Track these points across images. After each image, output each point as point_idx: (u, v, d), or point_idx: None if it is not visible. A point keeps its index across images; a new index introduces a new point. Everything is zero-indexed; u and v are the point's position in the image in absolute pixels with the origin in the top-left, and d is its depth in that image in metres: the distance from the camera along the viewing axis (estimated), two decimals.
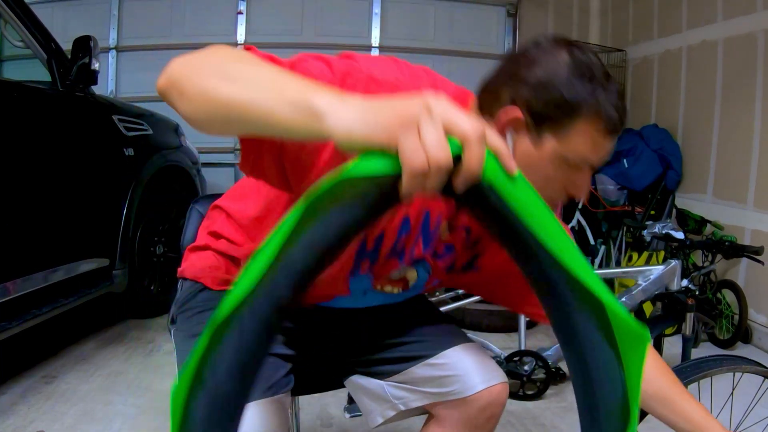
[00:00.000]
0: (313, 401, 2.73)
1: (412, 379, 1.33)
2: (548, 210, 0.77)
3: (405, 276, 1.27)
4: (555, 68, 1.02)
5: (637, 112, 5.35)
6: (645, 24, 5.22)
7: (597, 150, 1.05)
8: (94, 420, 2.53)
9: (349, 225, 0.70)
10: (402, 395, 1.35)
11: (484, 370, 1.30)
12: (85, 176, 3.09)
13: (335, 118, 0.68)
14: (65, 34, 3.59)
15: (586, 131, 1.02)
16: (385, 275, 1.24)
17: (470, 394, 1.28)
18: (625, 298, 2.88)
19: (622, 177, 4.77)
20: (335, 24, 5.65)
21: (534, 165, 1.04)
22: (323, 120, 0.69)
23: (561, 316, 0.79)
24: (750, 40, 3.98)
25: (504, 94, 1.05)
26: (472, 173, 0.68)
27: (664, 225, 3.29)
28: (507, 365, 2.86)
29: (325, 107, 0.69)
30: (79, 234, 3.09)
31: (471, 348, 1.34)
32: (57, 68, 3.09)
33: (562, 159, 1.04)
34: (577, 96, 1.01)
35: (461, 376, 1.29)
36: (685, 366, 1.63)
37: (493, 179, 0.71)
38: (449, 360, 1.31)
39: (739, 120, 4.10)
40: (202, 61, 0.84)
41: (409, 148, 0.65)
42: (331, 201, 0.69)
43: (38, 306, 2.76)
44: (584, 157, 1.05)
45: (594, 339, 0.78)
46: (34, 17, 3.01)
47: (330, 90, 0.73)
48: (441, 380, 1.30)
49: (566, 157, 1.04)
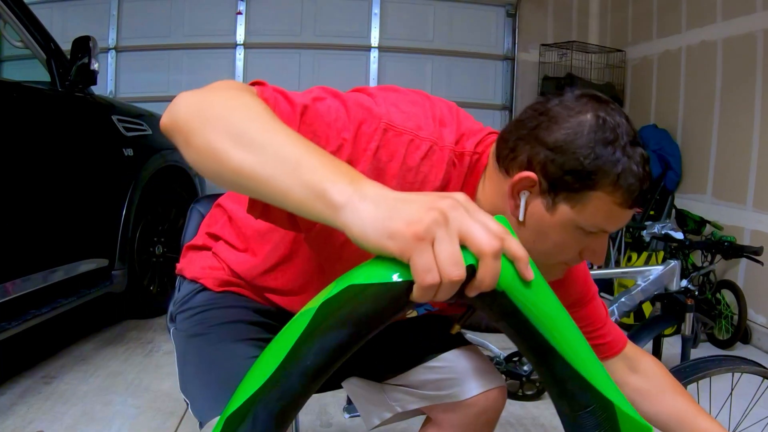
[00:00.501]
0: (313, 402, 2.73)
1: (410, 381, 1.33)
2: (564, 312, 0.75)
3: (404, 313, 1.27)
4: (576, 131, 0.96)
5: (636, 113, 5.35)
6: (644, 24, 5.22)
7: (613, 221, 0.99)
8: (94, 420, 2.53)
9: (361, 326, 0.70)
10: (399, 397, 1.35)
11: (481, 374, 1.30)
12: (84, 176, 3.09)
13: (351, 216, 0.65)
14: (64, 34, 3.58)
15: (603, 202, 0.96)
16: None
17: (466, 398, 1.27)
18: (625, 298, 2.88)
19: None
20: (335, 24, 5.65)
21: (546, 230, 1.00)
22: (338, 213, 0.66)
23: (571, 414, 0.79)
24: (749, 40, 3.99)
25: (521, 152, 0.99)
26: (484, 288, 0.66)
27: (663, 225, 3.29)
28: (506, 365, 2.87)
29: (341, 201, 0.66)
30: (79, 234, 3.08)
31: (469, 351, 1.34)
32: (56, 68, 3.09)
33: (576, 226, 0.99)
34: (596, 165, 0.94)
35: (458, 380, 1.29)
36: (685, 366, 1.63)
37: (506, 286, 0.69)
38: (446, 363, 1.31)
39: (738, 120, 4.10)
40: (212, 110, 0.79)
41: (422, 265, 0.62)
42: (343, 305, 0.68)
43: (37, 306, 2.75)
44: (599, 227, 1.00)
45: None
46: (34, 17, 3.01)
47: (347, 178, 0.68)
48: (438, 383, 1.30)
49: (580, 225, 0.99)
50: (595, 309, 1.30)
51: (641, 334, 2.68)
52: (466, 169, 1.06)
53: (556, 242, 1.01)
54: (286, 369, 0.70)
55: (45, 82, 3.11)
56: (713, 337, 3.85)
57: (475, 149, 1.06)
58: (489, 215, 0.66)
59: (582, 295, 1.28)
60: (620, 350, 1.33)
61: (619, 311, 2.86)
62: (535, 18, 5.96)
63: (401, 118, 0.99)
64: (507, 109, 5.97)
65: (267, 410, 0.71)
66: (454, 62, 5.82)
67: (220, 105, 0.80)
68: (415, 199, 0.65)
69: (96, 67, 3.15)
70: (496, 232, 0.65)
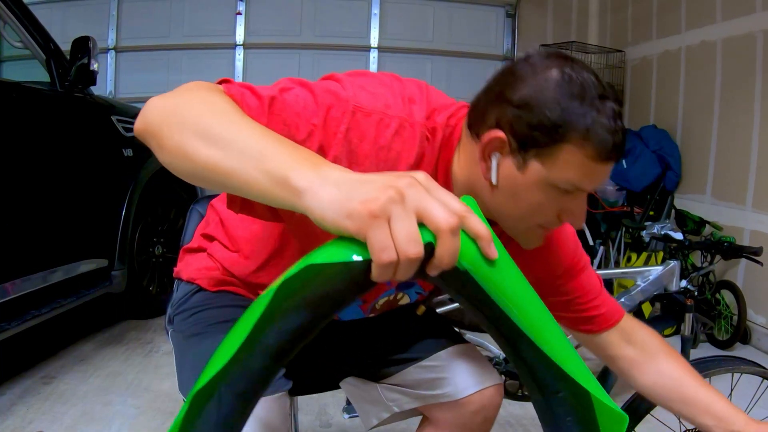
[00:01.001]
0: (312, 402, 2.73)
1: (405, 381, 1.33)
2: (533, 295, 0.74)
3: (397, 303, 1.27)
4: (542, 87, 0.94)
5: (636, 113, 5.35)
6: (644, 24, 5.22)
7: (588, 176, 0.97)
8: (93, 420, 2.53)
9: (322, 307, 0.69)
10: (395, 397, 1.35)
11: (476, 372, 1.30)
12: (84, 177, 3.09)
13: (312, 199, 0.67)
14: (64, 34, 3.58)
15: (574, 157, 0.95)
16: (374, 299, 1.25)
17: (462, 396, 1.28)
18: (624, 298, 2.88)
19: (621, 177, 4.77)
20: (334, 25, 5.65)
21: (520, 190, 0.99)
22: (301, 198, 0.67)
23: (543, 401, 0.77)
24: (749, 40, 3.99)
25: (490, 115, 0.99)
26: (443, 266, 0.66)
27: (662, 226, 3.29)
28: (506, 366, 2.86)
29: (304, 186, 0.68)
30: (78, 235, 3.08)
31: (465, 350, 1.34)
32: (56, 69, 3.09)
33: (549, 185, 0.98)
34: (563, 118, 0.93)
35: (453, 379, 1.29)
36: None
37: (468, 264, 0.68)
38: (442, 362, 1.31)
39: (738, 120, 4.10)
40: (181, 112, 0.81)
41: (377, 241, 0.63)
42: (303, 286, 0.68)
43: (37, 306, 2.76)
44: (573, 183, 0.97)
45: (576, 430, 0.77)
46: (33, 18, 3.01)
47: (309, 164, 0.70)
48: (433, 383, 1.30)
49: (554, 183, 0.97)
50: (588, 279, 1.29)
51: None
52: (439, 143, 1.05)
53: (531, 203, 1.00)
54: (249, 349, 0.70)
55: (44, 82, 3.11)
56: (713, 337, 3.85)
57: (447, 122, 1.06)
58: (450, 194, 0.66)
59: (572, 264, 1.26)
60: (616, 322, 1.30)
61: None
62: (534, 18, 5.96)
63: (369, 99, 0.99)
64: None
65: (231, 390, 0.70)
66: (453, 62, 5.82)
67: (187, 107, 0.82)
68: (374, 179, 0.66)
69: (95, 68, 3.15)
70: (456, 209, 0.65)
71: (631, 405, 1.59)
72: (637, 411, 1.57)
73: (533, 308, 0.74)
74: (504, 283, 0.71)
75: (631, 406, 1.58)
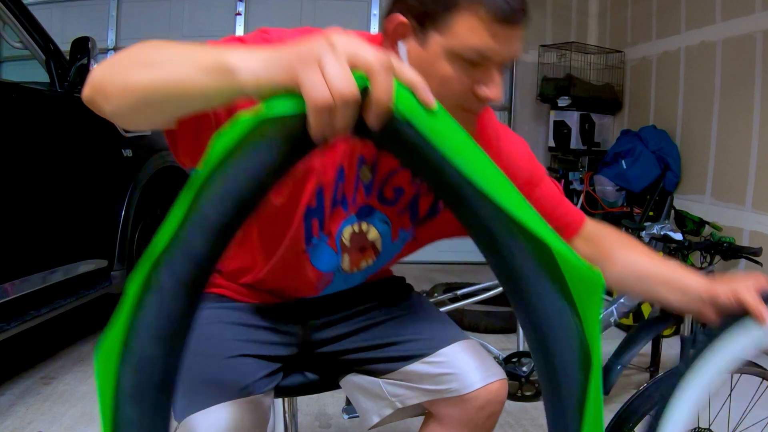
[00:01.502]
0: (312, 402, 2.73)
1: (409, 376, 1.32)
2: (476, 145, 0.73)
3: (368, 240, 1.25)
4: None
5: (635, 114, 5.35)
6: (643, 25, 5.22)
7: (488, 42, 0.97)
8: (93, 421, 2.53)
9: (260, 172, 0.68)
10: (399, 392, 1.34)
11: (481, 367, 1.29)
12: (83, 177, 3.09)
13: (245, 70, 0.69)
14: (64, 35, 3.58)
15: (469, 22, 0.96)
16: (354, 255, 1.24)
17: (468, 392, 1.27)
18: (624, 299, 2.88)
19: (621, 178, 4.77)
20: (333, 25, 5.59)
21: (427, 67, 0.98)
22: (235, 75, 0.70)
23: (505, 264, 0.74)
24: (748, 41, 3.99)
25: (392, 8, 1.05)
26: (381, 105, 0.66)
27: (662, 226, 3.30)
28: (505, 366, 2.87)
29: (235, 63, 0.71)
30: (78, 235, 3.08)
31: (469, 345, 1.33)
32: (55, 69, 3.09)
33: (453, 55, 0.98)
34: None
35: (458, 374, 1.28)
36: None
37: (408, 113, 0.68)
38: (446, 358, 1.30)
39: (737, 121, 4.10)
40: (122, 58, 0.85)
41: (309, 82, 0.64)
42: (238, 148, 0.67)
43: (36, 307, 2.75)
44: (475, 49, 0.97)
45: (543, 290, 0.73)
46: (33, 18, 3.01)
47: (242, 50, 0.74)
48: (438, 378, 1.29)
49: (456, 51, 0.98)
50: (548, 189, 1.29)
51: (640, 334, 2.68)
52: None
53: (441, 78, 0.99)
54: (188, 225, 0.69)
55: (44, 82, 3.11)
56: None
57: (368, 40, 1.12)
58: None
59: (531, 174, 1.27)
60: (579, 228, 1.31)
61: (618, 312, 2.87)
62: (533, 18, 5.91)
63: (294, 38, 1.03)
64: (506, 110, 5.97)
65: (174, 276, 0.69)
66: None
67: (123, 56, 0.85)
68: (303, 42, 0.69)
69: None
70: (385, 54, 0.67)
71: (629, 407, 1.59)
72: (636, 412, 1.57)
73: (479, 159, 0.72)
74: (447, 132, 0.71)
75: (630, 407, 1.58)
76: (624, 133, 5.09)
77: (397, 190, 1.20)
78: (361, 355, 1.37)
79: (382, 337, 1.36)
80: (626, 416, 1.51)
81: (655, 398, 1.39)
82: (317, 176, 1.09)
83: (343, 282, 1.31)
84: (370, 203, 1.20)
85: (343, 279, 1.29)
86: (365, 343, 1.37)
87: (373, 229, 1.24)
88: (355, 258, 1.26)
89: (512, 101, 5.96)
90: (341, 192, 1.14)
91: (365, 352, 1.37)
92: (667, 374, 1.52)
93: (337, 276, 1.28)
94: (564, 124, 5.36)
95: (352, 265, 1.26)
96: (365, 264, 1.28)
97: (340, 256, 1.24)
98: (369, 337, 1.37)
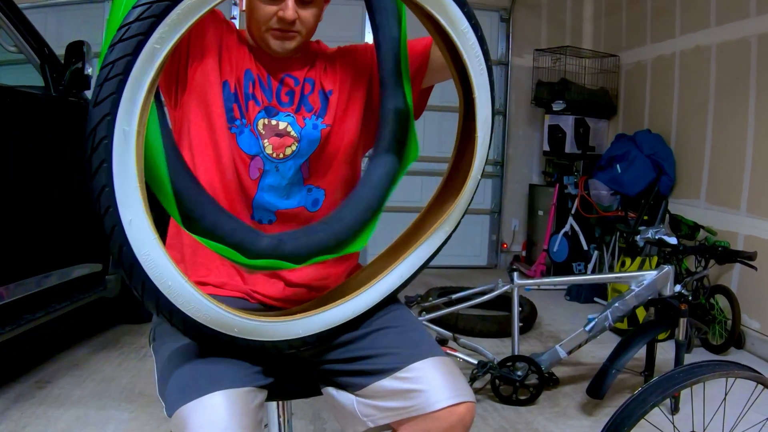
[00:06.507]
0: (306, 406, 2.73)
1: (379, 392, 1.31)
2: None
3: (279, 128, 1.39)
4: None
5: (630, 117, 5.37)
6: (638, 29, 5.24)
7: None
8: (87, 425, 2.52)
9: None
10: (369, 412, 1.32)
11: (450, 386, 1.27)
12: (77, 181, 3.09)
13: None
14: (58, 39, 3.58)
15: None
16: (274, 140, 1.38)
17: (432, 410, 1.24)
18: (618, 303, 2.89)
19: (615, 182, 4.79)
20: (329, 29, 5.59)
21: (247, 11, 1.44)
22: None
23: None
24: (743, 45, 4.00)
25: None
26: None
27: (657, 230, 3.30)
28: (500, 370, 2.87)
29: None
30: (72, 239, 3.08)
31: (441, 362, 1.31)
32: (50, 73, 3.09)
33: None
34: None
35: (424, 391, 1.26)
36: (678, 371, 1.63)
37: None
38: (416, 374, 1.28)
39: (732, 125, 4.12)
40: None
41: None
42: None
43: (31, 311, 2.75)
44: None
45: None
46: (27, 22, 3.01)
47: None
48: (405, 394, 1.28)
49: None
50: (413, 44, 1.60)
51: (635, 339, 2.68)
52: None
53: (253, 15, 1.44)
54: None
55: (39, 87, 3.10)
56: (707, 342, 3.86)
57: None
58: None
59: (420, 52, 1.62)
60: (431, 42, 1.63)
61: (612, 316, 2.87)
62: (528, 23, 5.98)
63: None
64: (501, 114, 5.98)
65: None
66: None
67: None
68: None
69: (90, 72, 3.15)
70: None
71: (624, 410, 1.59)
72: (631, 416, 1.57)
73: None
74: None
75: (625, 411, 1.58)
76: (619, 137, 5.11)
77: (289, 93, 1.45)
78: (339, 367, 1.37)
79: (360, 350, 1.35)
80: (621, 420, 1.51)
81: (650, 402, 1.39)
82: (229, 67, 1.40)
83: (276, 173, 1.38)
84: (273, 105, 1.42)
85: (274, 168, 1.38)
86: (344, 355, 1.36)
87: (281, 122, 1.40)
88: (276, 143, 1.38)
89: (507, 105, 5.97)
90: (251, 90, 1.39)
91: (343, 364, 1.36)
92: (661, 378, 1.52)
93: (267, 165, 1.37)
94: (559, 128, 5.37)
95: (275, 149, 1.38)
96: (290, 150, 1.38)
97: (260, 141, 1.37)
98: (350, 349, 1.36)
